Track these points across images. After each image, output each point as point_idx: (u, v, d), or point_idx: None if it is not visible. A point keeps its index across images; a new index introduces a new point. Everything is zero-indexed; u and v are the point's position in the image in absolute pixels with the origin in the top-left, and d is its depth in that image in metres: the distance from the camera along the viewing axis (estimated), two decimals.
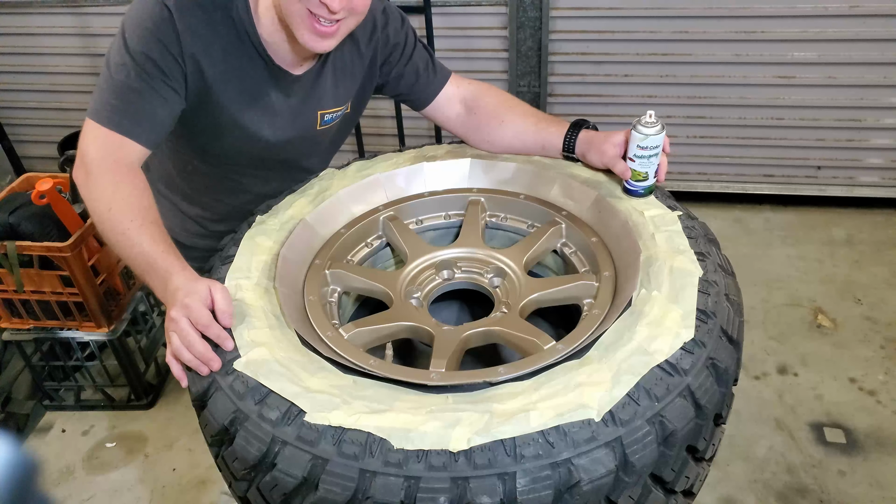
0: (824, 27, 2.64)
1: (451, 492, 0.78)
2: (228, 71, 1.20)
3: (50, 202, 2.01)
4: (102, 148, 1.10)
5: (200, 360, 0.95)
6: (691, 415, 0.87)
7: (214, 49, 1.17)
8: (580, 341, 0.97)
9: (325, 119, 1.35)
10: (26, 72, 3.29)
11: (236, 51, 1.19)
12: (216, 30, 1.16)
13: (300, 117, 1.31)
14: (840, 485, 1.94)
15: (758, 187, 3.08)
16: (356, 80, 1.36)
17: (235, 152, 1.32)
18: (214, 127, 1.25)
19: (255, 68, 1.22)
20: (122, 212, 1.05)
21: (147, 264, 1.03)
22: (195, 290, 0.97)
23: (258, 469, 0.87)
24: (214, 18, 1.16)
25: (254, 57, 1.21)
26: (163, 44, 1.11)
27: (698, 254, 1.07)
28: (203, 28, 1.15)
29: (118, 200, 1.06)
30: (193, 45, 1.14)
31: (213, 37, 1.16)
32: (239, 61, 1.20)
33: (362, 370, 0.95)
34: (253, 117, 1.26)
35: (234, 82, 1.21)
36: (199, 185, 1.43)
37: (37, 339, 2.22)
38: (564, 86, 2.97)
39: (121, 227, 1.04)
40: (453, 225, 1.39)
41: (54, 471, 2.17)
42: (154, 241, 1.03)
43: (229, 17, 1.17)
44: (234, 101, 1.22)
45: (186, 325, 0.95)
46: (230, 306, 0.99)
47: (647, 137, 1.17)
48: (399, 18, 1.36)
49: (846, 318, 2.50)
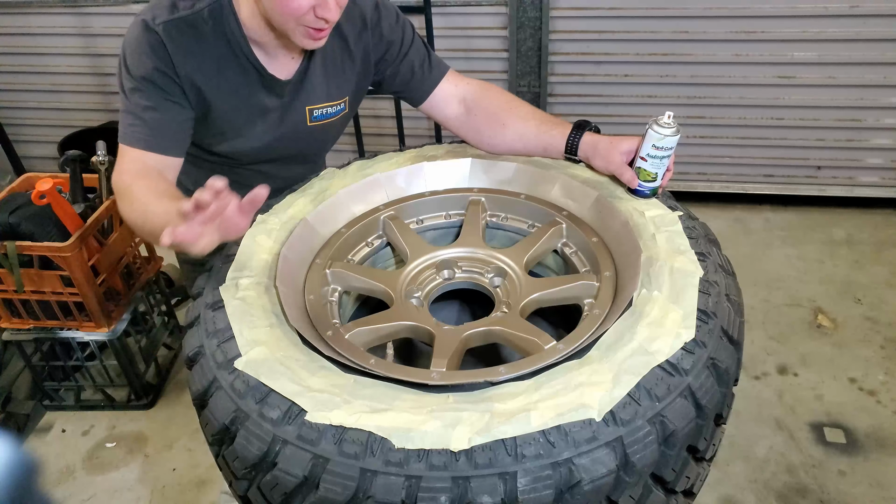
0: (824, 27, 2.65)
1: (452, 491, 0.79)
2: (223, 84, 1.24)
3: (50, 202, 2.00)
4: (132, 168, 1.17)
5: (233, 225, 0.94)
6: (692, 415, 0.87)
7: (208, 65, 1.21)
8: (581, 341, 0.97)
9: (314, 115, 1.36)
10: (26, 72, 3.29)
11: (230, 64, 1.23)
12: (208, 46, 1.20)
13: (290, 114, 1.34)
14: (840, 485, 1.94)
15: (758, 187, 3.09)
16: (348, 77, 1.37)
17: (234, 153, 1.36)
18: (212, 134, 1.31)
19: (248, 79, 1.26)
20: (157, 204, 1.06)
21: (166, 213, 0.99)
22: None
23: (259, 468, 0.87)
24: (205, 35, 1.19)
25: (247, 69, 1.25)
26: (158, 68, 1.16)
27: (699, 254, 1.07)
28: (195, 46, 1.18)
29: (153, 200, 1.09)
30: (187, 65, 1.19)
31: (205, 54, 1.20)
32: (233, 74, 1.24)
33: (363, 369, 0.95)
34: (247, 123, 1.31)
35: (230, 95, 1.26)
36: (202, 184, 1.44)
37: (37, 339, 2.22)
38: (564, 86, 2.97)
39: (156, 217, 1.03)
40: (454, 225, 1.39)
41: (54, 471, 2.16)
42: (173, 197, 1.05)
43: (221, 31, 1.20)
44: (230, 111, 1.27)
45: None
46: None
47: (664, 138, 1.17)
48: (394, 14, 1.36)
49: (846, 318, 2.50)
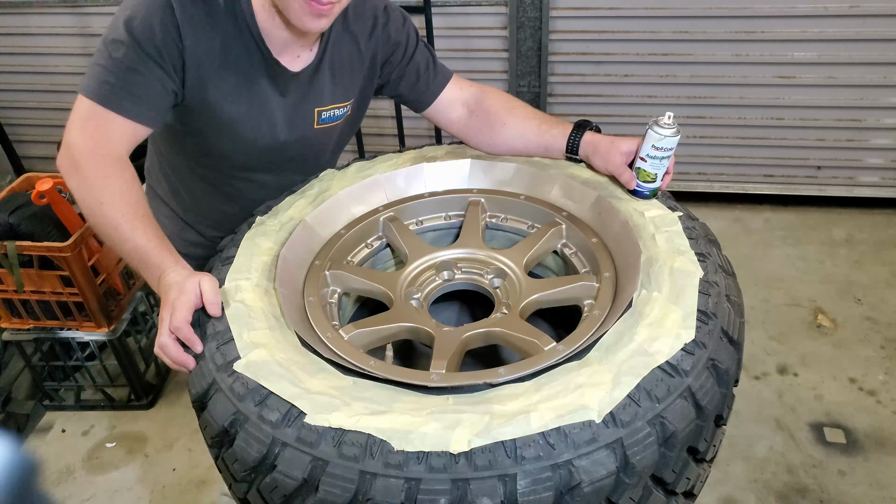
0: (824, 27, 2.64)
1: (452, 493, 0.78)
2: (226, 63, 1.19)
3: (50, 202, 2.01)
4: (92, 136, 1.10)
5: (176, 362, 1.00)
6: (692, 416, 0.87)
7: (214, 41, 1.16)
8: (581, 342, 0.97)
9: (322, 117, 1.32)
10: (26, 72, 3.29)
11: (235, 43, 1.18)
12: (217, 21, 1.16)
13: (297, 116, 1.30)
14: (840, 485, 1.94)
15: (758, 187, 3.08)
16: (356, 78, 1.34)
17: (233, 154, 1.30)
18: (210, 126, 1.24)
19: (252, 61, 1.21)
20: (114, 206, 1.07)
21: (140, 259, 1.06)
22: (185, 289, 1.01)
23: (258, 471, 0.87)
24: (216, 10, 1.16)
25: (252, 50, 1.20)
26: (164, 29, 1.11)
27: (699, 254, 1.07)
28: (204, 19, 1.14)
29: (108, 194, 1.07)
30: (193, 36, 1.14)
31: (213, 29, 1.16)
32: (237, 53, 1.19)
33: (362, 371, 0.95)
34: (248, 114, 1.24)
35: (231, 76, 1.20)
36: (198, 193, 1.42)
37: (37, 339, 2.22)
38: (564, 86, 2.96)
39: (113, 222, 1.06)
40: (453, 226, 1.39)
41: (54, 471, 2.17)
42: (147, 235, 1.06)
43: (231, 9, 1.17)
44: (229, 95, 1.21)
45: (166, 326, 0.99)
46: (217, 296, 1.03)
47: (663, 138, 1.17)
48: (400, 17, 1.35)
49: (846, 318, 2.50)
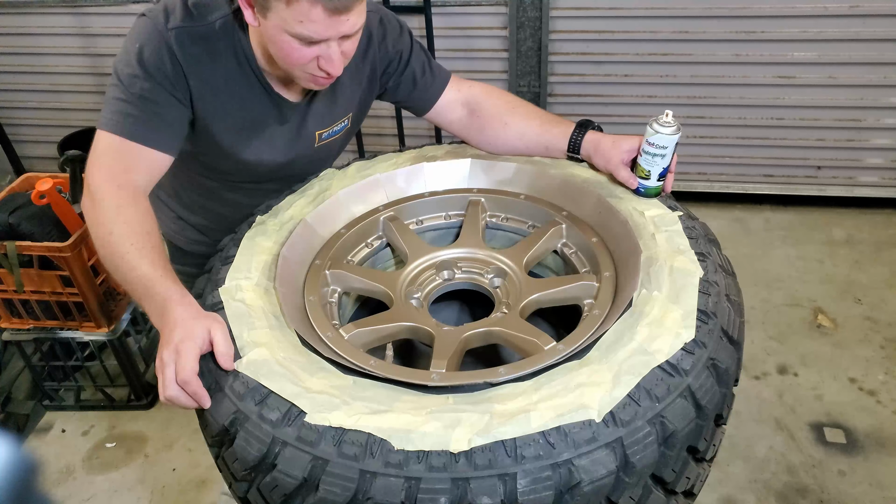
0: (824, 27, 2.64)
1: (452, 493, 0.79)
2: (229, 99, 1.20)
3: (50, 202, 2.01)
4: (110, 170, 1.09)
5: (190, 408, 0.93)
6: (692, 415, 0.87)
7: (217, 78, 1.17)
8: (581, 342, 0.97)
9: (322, 137, 1.35)
10: (26, 72, 3.29)
11: (237, 77, 1.20)
12: (218, 57, 1.17)
13: (298, 140, 1.31)
14: (840, 485, 1.94)
15: (758, 187, 3.08)
16: (354, 94, 1.35)
17: (234, 172, 1.33)
18: (212, 150, 1.26)
19: (254, 96, 1.23)
20: (123, 235, 1.02)
21: (145, 288, 0.99)
22: (192, 334, 0.92)
23: (258, 470, 0.87)
24: (217, 48, 1.16)
25: (254, 85, 1.22)
26: (172, 61, 1.12)
27: (699, 254, 1.07)
28: (205, 57, 1.15)
29: (120, 224, 1.04)
30: (196, 74, 1.15)
31: (214, 63, 1.16)
32: (239, 89, 1.21)
33: (362, 371, 0.95)
34: (251, 145, 1.27)
35: (234, 108, 1.22)
36: (200, 198, 1.44)
37: (37, 339, 2.22)
38: (564, 86, 2.96)
39: (121, 251, 1.01)
40: (453, 225, 1.39)
41: (54, 471, 2.17)
42: (153, 265, 1.00)
43: (231, 44, 1.17)
44: (232, 126, 1.23)
45: (171, 374, 0.90)
46: (230, 348, 0.94)
47: (655, 134, 1.17)
48: (397, 27, 1.34)
49: (846, 318, 2.50)
